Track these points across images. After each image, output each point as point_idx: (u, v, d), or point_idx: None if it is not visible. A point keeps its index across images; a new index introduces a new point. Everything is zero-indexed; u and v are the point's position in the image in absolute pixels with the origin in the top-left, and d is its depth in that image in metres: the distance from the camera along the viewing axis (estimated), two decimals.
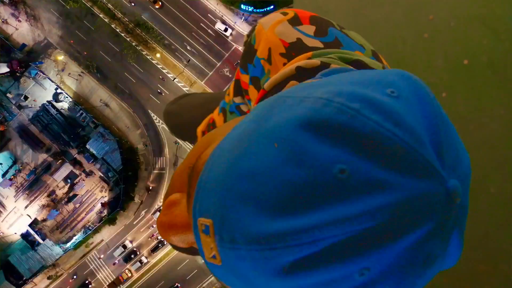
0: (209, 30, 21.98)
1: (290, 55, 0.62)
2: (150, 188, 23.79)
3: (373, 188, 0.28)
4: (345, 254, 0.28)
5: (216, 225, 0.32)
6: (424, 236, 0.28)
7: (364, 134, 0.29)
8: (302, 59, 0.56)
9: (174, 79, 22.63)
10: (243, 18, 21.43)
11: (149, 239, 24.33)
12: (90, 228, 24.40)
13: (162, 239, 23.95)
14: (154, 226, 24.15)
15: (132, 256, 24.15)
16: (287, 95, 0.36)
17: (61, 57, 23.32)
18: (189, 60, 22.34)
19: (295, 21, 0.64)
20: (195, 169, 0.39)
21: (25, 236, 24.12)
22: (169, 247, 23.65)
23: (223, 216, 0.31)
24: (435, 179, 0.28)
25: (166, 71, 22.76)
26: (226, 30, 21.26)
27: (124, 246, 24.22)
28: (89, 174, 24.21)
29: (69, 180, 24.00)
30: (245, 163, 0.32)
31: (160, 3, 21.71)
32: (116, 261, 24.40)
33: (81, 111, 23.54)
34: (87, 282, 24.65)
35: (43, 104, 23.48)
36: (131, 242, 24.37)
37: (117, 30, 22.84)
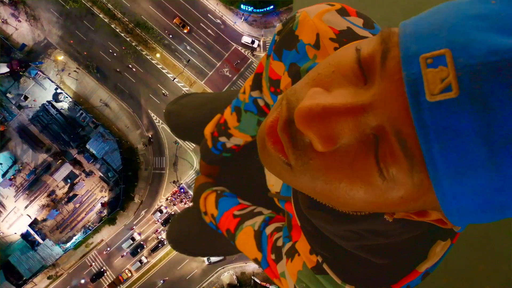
0: (208, 30, 21.97)
1: (341, 41, 0.63)
2: (151, 136, 23.48)
3: None
4: None
5: (457, 48, 0.32)
6: None
7: None
8: None
9: (174, 79, 22.62)
10: (242, 18, 21.45)
11: (153, 234, 24.40)
12: (90, 228, 24.40)
13: (163, 239, 23.96)
14: (157, 223, 24.17)
15: (139, 250, 24.30)
16: None
17: (61, 57, 23.31)
18: (189, 60, 22.34)
19: (343, 12, 0.66)
20: (390, 32, 0.38)
21: (25, 236, 24.10)
22: (168, 247, 23.63)
23: (467, 40, 0.32)
24: None
25: (166, 71, 22.76)
26: (253, 42, 21.56)
27: (133, 239, 24.33)
28: (89, 174, 24.20)
29: (69, 180, 23.99)
30: (469, 11, 0.34)
31: (188, 28, 22.06)
32: (124, 253, 24.47)
33: (81, 111, 23.52)
34: (102, 270, 24.72)
35: (43, 104, 23.46)
36: (139, 234, 24.45)
37: (117, 30, 22.83)
